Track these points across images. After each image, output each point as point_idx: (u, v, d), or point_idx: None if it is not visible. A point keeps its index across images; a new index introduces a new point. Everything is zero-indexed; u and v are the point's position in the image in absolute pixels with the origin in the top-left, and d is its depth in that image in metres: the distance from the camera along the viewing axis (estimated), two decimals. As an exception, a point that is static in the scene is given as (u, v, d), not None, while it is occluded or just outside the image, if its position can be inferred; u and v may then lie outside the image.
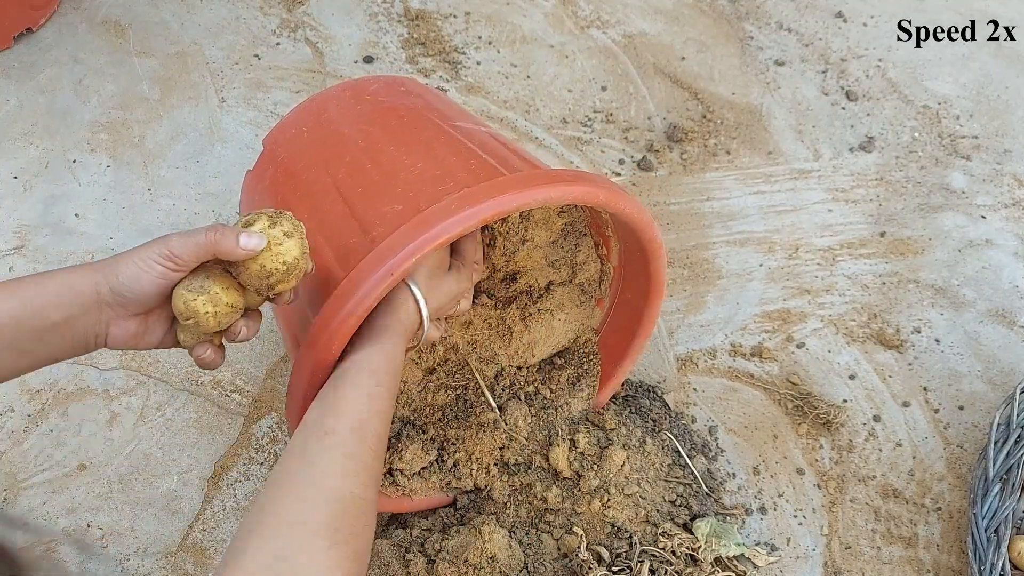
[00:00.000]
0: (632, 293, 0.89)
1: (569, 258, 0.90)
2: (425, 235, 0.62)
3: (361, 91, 0.86)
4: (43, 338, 0.57)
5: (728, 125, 1.35)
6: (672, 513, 0.91)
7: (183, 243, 0.58)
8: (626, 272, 0.89)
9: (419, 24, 1.44)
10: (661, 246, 0.79)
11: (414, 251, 0.61)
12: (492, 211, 0.63)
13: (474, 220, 0.62)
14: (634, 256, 0.83)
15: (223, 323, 0.60)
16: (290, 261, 0.59)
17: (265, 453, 0.96)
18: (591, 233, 0.90)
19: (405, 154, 0.74)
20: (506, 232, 0.83)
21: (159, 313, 0.62)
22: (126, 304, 0.59)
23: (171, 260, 0.58)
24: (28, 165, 1.19)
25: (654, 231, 0.76)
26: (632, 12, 1.51)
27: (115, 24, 1.39)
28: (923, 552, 0.93)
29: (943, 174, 1.31)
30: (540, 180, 0.66)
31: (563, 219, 0.87)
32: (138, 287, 0.58)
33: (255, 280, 0.59)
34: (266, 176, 0.83)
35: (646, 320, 0.88)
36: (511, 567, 0.84)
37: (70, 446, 0.95)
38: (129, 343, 0.61)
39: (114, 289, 0.58)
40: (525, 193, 0.64)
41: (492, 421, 0.90)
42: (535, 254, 0.87)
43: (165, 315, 0.62)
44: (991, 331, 1.13)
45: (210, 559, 0.88)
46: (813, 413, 1.03)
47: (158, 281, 0.58)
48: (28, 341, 0.56)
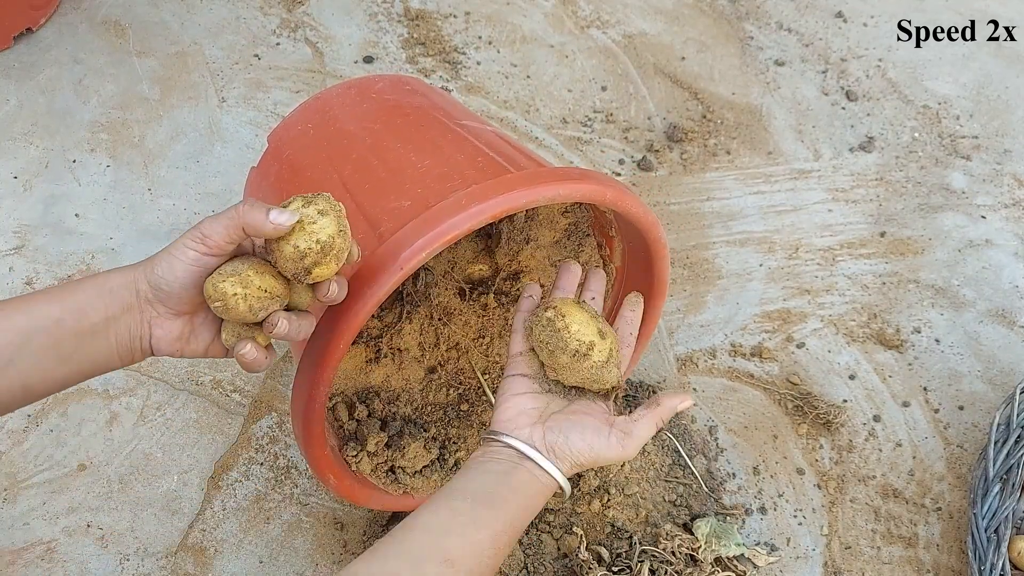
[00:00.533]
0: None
1: (572, 258, 0.90)
2: (435, 230, 0.61)
3: (366, 89, 0.86)
4: (84, 342, 0.55)
5: (728, 125, 1.35)
6: (672, 513, 0.91)
7: (212, 222, 0.55)
8: (629, 274, 0.89)
9: (419, 24, 1.44)
10: (666, 246, 0.78)
11: (424, 245, 0.61)
12: (501, 207, 0.63)
13: (483, 216, 0.62)
14: (638, 257, 0.83)
15: (255, 310, 0.56)
16: (324, 240, 0.55)
17: (265, 453, 0.96)
18: (594, 234, 0.90)
19: (412, 151, 0.74)
20: (510, 231, 0.83)
21: (204, 315, 0.60)
22: (165, 299, 0.57)
23: (202, 242, 0.55)
24: (28, 165, 1.19)
25: (659, 231, 0.76)
26: (632, 12, 1.51)
27: (115, 24, 1.39)
28: (923, 552, 0.93)
29: (943, 174, 1.31)
30: (548, 178, 0.66)
31: (567, 219, 0.87)
32: (172, 276, 0.55)
33: (290, 264, 0.55)
34: (271, 173, 0.83)
35: (648, 322, 0.88)
36: (511, 567, 0.84)
37: (70, 446, 0.95)
38: (175, 347, 0.59)
39: (151, 283, 0.56)
40: (534, 190, 0.64)
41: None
42: (538, 254, 0.87)
43: (211, 317, 0.60)
44: (991, 331, 1.13)
45: (210, 559, 0.88)
46: (813, 413, 1.03)
47: (191, 268, 0.55)
48: (69, 345, 0.54)
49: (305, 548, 0.89)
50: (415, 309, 0.83)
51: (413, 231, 0.62)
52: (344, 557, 0.89)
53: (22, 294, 0.55)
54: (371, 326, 0.82)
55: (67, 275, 1.08)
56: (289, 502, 0.93)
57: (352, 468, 0.80)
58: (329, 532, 0.91)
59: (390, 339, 0.83)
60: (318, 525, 0.91)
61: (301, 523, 0.91)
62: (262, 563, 0.88)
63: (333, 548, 0.90)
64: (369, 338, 0.82)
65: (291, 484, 0.94)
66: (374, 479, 0.82)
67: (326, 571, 0.88)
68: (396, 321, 0.83)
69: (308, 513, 0.92)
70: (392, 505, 0.85)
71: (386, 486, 0.83)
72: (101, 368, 0.57)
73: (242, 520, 0.91)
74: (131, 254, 1.11)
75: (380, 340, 0.83)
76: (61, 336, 0.54)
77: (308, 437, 0.69)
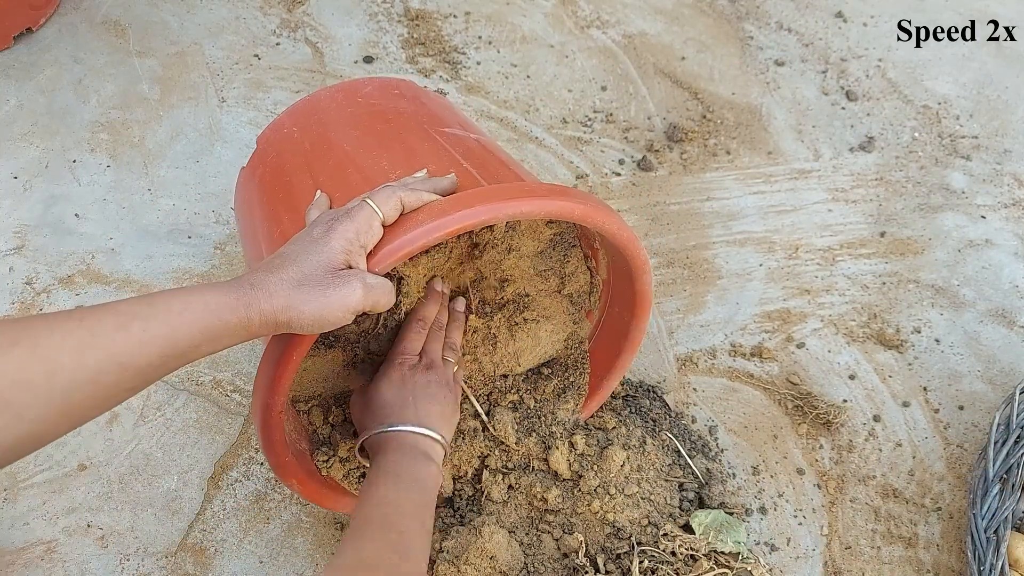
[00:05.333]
0: (620, 307, 0.88)
1: (558, 268, 0.88)
2: (388, 247, 0.61)
3: (354, 93, 0.85)
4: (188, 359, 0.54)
5: (728, 125, 1.35)
6: (673, 514, 0.91)
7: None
8: (614, 286, 0.88)
9: (419, 24, 1.44)
10: (646, 262, 0.77)
11: (377, 262, 0.60)
12: (457, 224, 0.62)
13: (440, 232, 0.61)
14: (621, 271, 0.83)
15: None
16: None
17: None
18: (581, 245, 0.88)
19: (386, 160, 0.73)
20: (492, 240, 0.82)
21: None
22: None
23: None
24: (28, 165, 1.19)
25: (637, 247, 0.75)
26: (632, 12, 1.51)
27: (115, 24, 1.39)
28: (923, 552, 0.93)
29: (943, 174, 1.31)
30: (511, 194, 0.65)
31: (551, 230, 0.85)
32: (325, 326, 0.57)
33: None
34: (256, 175, 0.83)
35: (633, 335, 0.87)
36: (511, 567, 0.84)
37: (70, 446, 0.95)
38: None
39: (288, 325, 0.56)
40: (494, 206, 0.63)
41: (472, 429, 0.89)
42: (522, 263, 0.86)
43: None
44: (991, 331, 1.13)
45: (210, 559, 0.88)
46: (813, 413, 1.03)
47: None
48: (175, 366, 0.53)
49: (305, 548, 0.89)
50: (391, 316, 0.82)
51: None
52: (344, 557, 0.89)
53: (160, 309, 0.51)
54: (348, 331, 0.81)
55: (67, 275, 1.08)
56: (289, 502, 0.92)
57: (322, 473, 0.80)
58: (329, 532, 0.91)
59: (367, 344, 0.83)
60: (318, 525, 0.91)
61: (301, 523, 0.91)
62: (262, 563, 0.88)
63: (333, 548, 0.90)
64: (347, 342, 0.82)
65: (291, 484, 0.94)
66: (346, 484, 0.81)
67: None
68: (373, 327, 0.82)
69: (308, 513, 0.92)
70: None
71: (357, 491, 0.82)
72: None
73: (242, 520, 0.91)
74: (131, 254, 1.11)
75: (357, 345, 0.82)
76: (171, 364, 0.52)
77: (268, 442, 0.69)
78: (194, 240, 1.13)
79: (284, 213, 0.75)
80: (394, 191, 0.62)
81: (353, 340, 0.82)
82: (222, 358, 1.02)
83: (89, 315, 0.48)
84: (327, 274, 0.56)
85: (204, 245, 1.13)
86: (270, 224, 0.76)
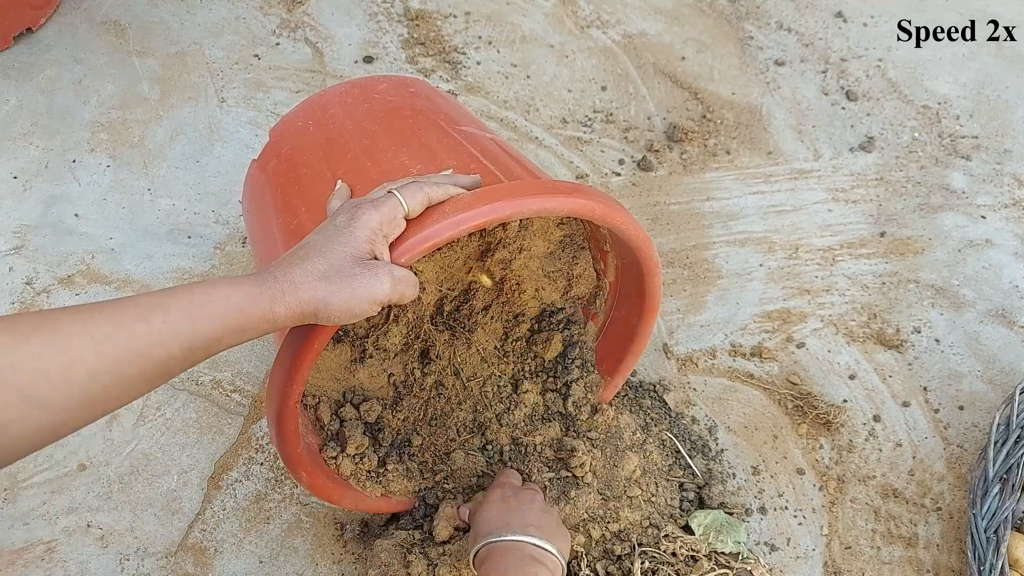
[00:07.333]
0: (626, 310, 0.88)
1: (566, 270, 0.89)
2: (414, 238, 0.61)
3: (369, 90, 0.86)
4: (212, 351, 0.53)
5: (728, 125, 1.35)
6: (673, 514, 0.91)
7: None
8: (621, 289, 0.88)
9: (419, 24, 1.44)
10: (658, 264, 0.78)
11: (402, 253, 0.61)
12: (484, 218, 0.62)
13: (465, 226, 0.61)
14: (630, 273, 0.83)
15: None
16: None
17: (265, 453, 0.96)
18: (590, 247, 0.89)
19: (405, 155, 0.74)
20: (504, 239, 0.83)
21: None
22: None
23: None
24: (28, 165, 1.19)
25: (651, 249, 0.75)
26: (632, 12, 1.51)
27: (115, 24, 1.39)
28: (923, 552, 0.93)
29: (943, 174, 1.31)
30: (536, 190, 0.65)
31: (562, 231, 0.86)
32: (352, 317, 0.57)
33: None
34: (269, 167, 0.83)
35: (639, 338, 0.87)
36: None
37: (70, 446, 0.95)
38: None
39: (317, 316, 0.56)
40: (520, 201, 0.63)
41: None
42: (531, 264, 0.86)
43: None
44: (991, 331, 1.13)
45: (210, 559, 0.88)
46: (813, 413, 1.03)
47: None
48: (200, 358, 0.53)
49: (305, 548, 0.89)
50: (402, 311, 0.83)
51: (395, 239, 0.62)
52: (344, 557, 0.89)
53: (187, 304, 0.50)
54: (358, 326, 0.81)
55: (67, 275, 1.08)
56: (289, 502, 0.93)
57: (331, 467, 0.80)
58: (329, 532, 0.91)
59: (376, 340, 0.83)
60: (318, 525, 0.91)
61: (301, 523, 0.91)
62: (262, 563, 0.88)
63: (333, 548, 0.90)
64: (355, 337, 0.82)
65: (291, 484, 0.94)
66: (353, 481, 0.81)
67: (326, 571, 0.88)
68: (383, 323, 0.82)
69: (308, 513, 0.92)
70: (369, 506, 0.84)
71: (364, 487, 0.83)
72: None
73: (242, 520, 0.91)
74: (131, 254, 1.11)
75: (366, 340, 0.83)
76: (195, 357, 0.52)
77: (281, 433, 0.69)
78: (194, 240, 1.13)
79: (301, 204, 0.76)
80: (421, 186, 0.62)
81: (362, 335, 0.82)
82: (222, 358, 1.02)
83: (110, 306, 0.48)
84: (353, 264, 0.56)
85: (204, 245, 1.13)
86: (286, 215, 0.77)
